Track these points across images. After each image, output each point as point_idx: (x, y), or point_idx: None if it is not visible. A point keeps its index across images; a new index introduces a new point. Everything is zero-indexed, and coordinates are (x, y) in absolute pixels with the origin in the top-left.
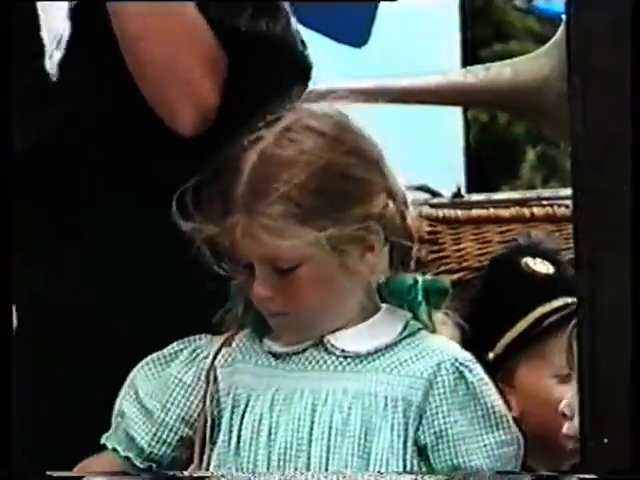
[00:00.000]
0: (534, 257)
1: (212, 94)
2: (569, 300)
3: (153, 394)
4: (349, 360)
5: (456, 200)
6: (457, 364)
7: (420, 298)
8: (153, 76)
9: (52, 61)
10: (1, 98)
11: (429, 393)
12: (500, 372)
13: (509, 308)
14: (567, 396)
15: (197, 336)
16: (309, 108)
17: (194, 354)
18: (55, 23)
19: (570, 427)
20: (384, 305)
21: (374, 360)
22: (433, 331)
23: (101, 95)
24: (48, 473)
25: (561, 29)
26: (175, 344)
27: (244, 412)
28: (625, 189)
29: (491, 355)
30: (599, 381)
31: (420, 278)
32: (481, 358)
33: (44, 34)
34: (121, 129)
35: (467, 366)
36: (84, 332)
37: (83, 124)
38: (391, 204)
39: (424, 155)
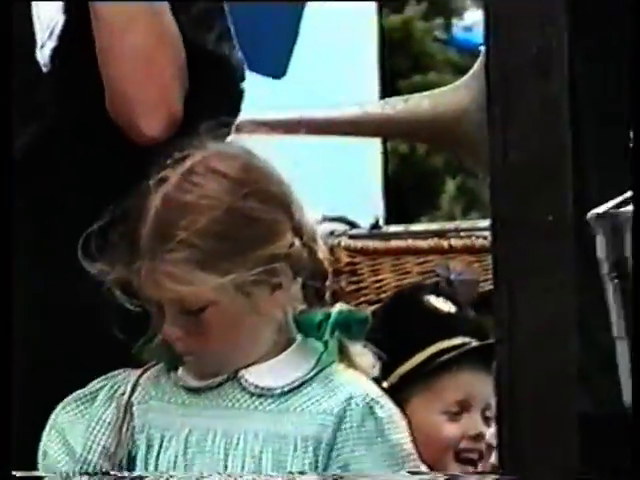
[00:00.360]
0: (437, 296)
1: (179, 102)
2: (467, 339)
3: (76, 434)
4: (262, 399)
5: (374, 231)
6: (368, 399)
7: (327, 336)
8: (127, 72)
9: (43, 52)
10: (1, 98)
11: (338, 428)
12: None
13: (408, 341)
14: (489, 430)
15: (116, 372)
16: (216, 147)
17: (112, 391)
18: (48, 14)
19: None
20: (299, 337)
21: (287, 400)
22: (349, 363)
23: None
24: (19, 473)
25: (480, 60)
26: (95, 382)
27: (158, 452)
28: (550, 220)
29: (385, 384)
30: (517, 415)
31: (335, 312)
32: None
33: (36, 25)
34: (103, 130)
35: (378, 402)
36: (84, 332)
37: (70, 121)
38: (297, 242)
39: (343, 186)
